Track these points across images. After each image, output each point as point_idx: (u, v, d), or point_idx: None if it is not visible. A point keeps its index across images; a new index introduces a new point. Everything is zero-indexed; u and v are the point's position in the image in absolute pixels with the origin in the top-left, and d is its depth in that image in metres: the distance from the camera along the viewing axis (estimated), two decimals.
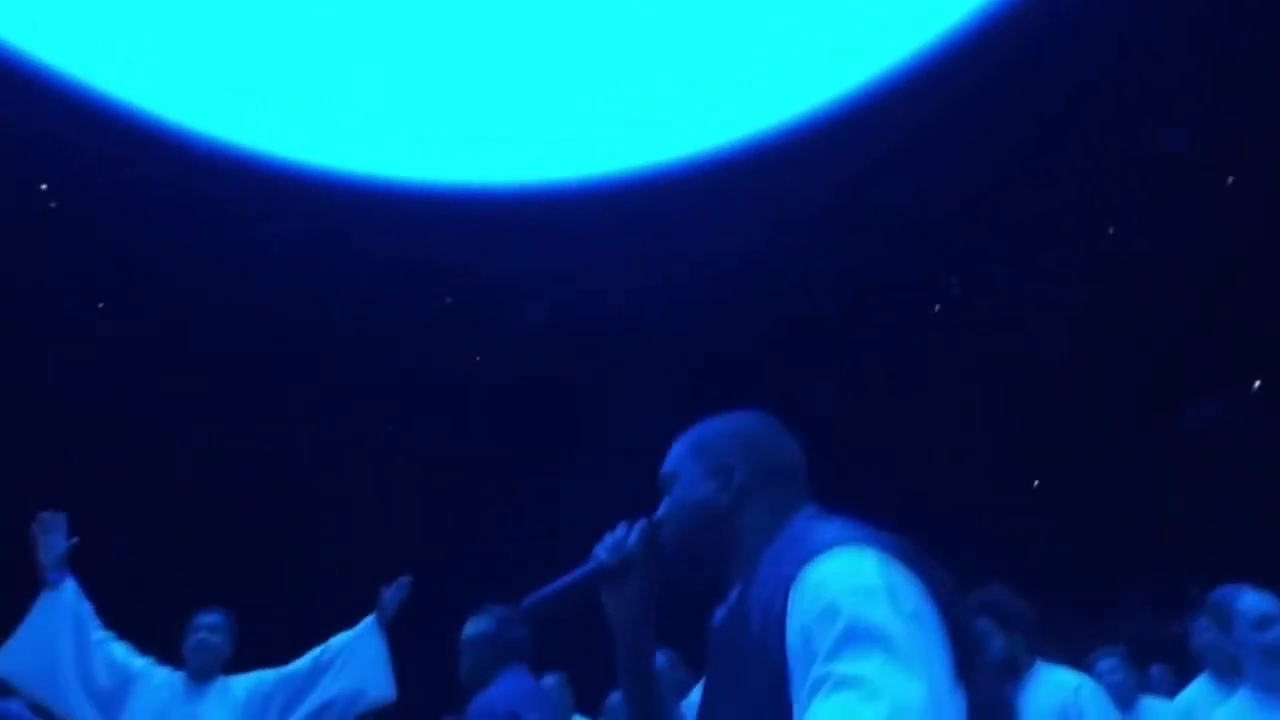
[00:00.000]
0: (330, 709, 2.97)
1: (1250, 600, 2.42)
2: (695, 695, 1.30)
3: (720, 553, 1.15)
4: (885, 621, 0.92)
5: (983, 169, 9.21)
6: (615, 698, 4.98)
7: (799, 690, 0.93)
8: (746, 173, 9.64)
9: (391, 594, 3.06)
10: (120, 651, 2.92)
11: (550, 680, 4.89)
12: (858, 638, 0.91)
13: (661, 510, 1.22)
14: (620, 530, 1.25)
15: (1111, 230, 10.03)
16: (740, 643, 1.05)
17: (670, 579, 1.23)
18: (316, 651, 3.01)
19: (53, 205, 9.51)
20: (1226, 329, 9.22)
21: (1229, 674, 3.15)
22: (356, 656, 2.98)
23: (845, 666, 0.89)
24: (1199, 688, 3.24)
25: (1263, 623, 2.37)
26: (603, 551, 1.23)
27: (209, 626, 3.00)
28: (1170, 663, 4.85)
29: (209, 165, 9.28)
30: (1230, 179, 8.93)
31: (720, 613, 1.17)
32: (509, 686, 2.60)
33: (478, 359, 11.53)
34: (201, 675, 2.96)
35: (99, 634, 2.87)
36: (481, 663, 2.60)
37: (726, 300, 10.06)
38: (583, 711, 5.08)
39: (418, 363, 10.70)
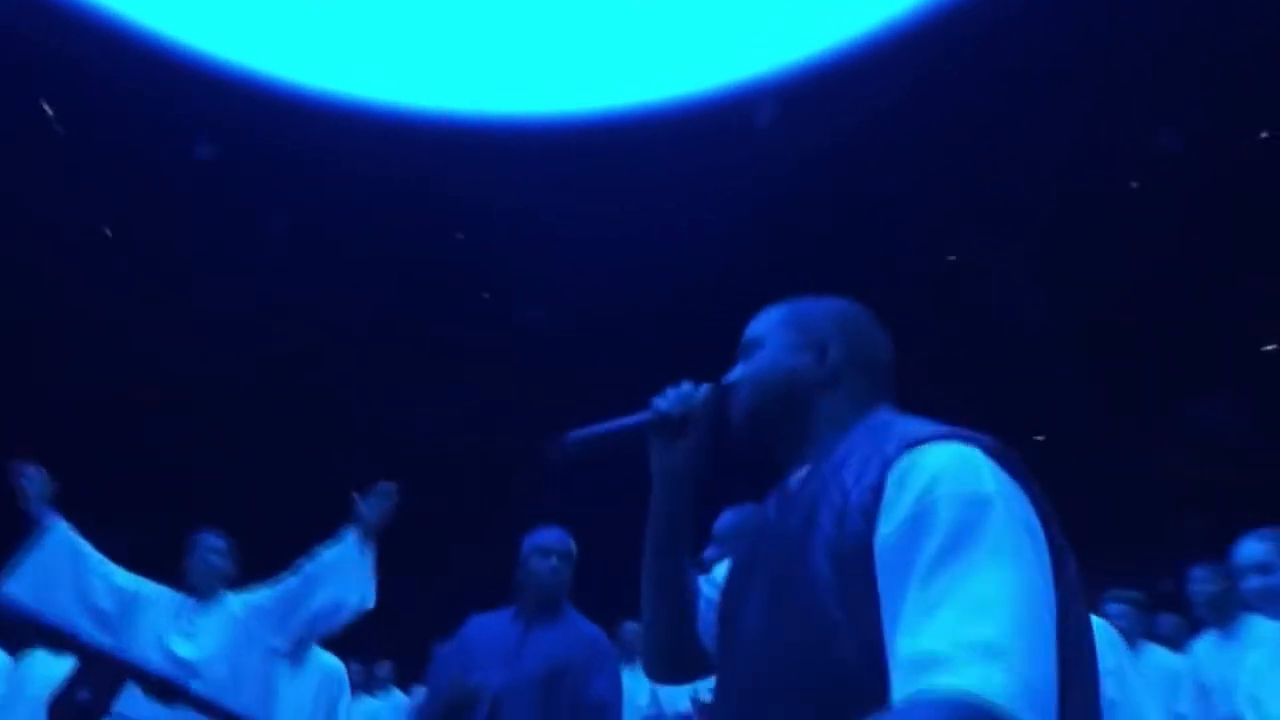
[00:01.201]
0: (316, 622, 3.00)
1: (1247, 547, 2.49)
2: (719, 572, 1.24)
3: (794, 427, 1.10)
4: (1000, 531, 0.84)
5: (979, 134, 9.05)
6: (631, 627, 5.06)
7: (890, 584, 0.86)
8: (751, 112, 9.46)
9: (369, 502, 2.99)
10: (122, 576, 2.97)
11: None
12: (971, 546, 0.83)
13: (738, 373, 1.16)
14: (686, 385, 1.19)
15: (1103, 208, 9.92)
16: (807, 522, 0.98)
17: (724, 446, 1.18)
18: (307, 566, 3.01)
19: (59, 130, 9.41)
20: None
21: (1224, 622, 3.24)
22: (341, 568, 2.96)
23: (957, 579, 0.81)
24: (1205, 642, 3.32)
25: (1258, 569, 2.44)
26: (663, 402, 1.18)
27: (211, 547, 3.05)
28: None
29: (216, 87, 9.13)
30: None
31: (781, 491, 1.12)
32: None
33: (485, 295, 11.51)
34: (204, 594, 3.01)
35: (97, 561, 2.93)
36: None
37: (722, 245, 9.95)
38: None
39: (420, 295, 10.70)
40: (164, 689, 1.00)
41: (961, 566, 0.82)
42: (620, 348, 10.08)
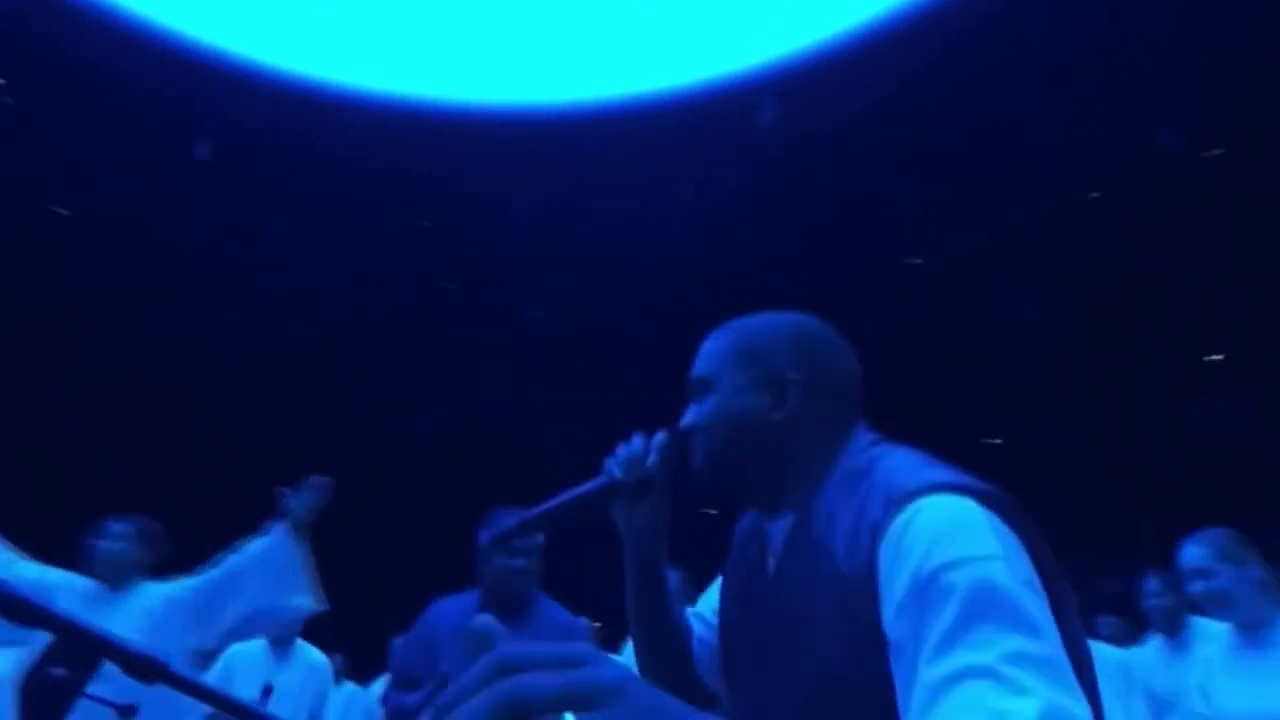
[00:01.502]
0: (254, 621, 2.86)
1: (1189, 552, 2.56)
2: (705, 602, 1.21)
3: (762, 473, 1.03)
4: (1008, 593, 0.78)
5: (963, 123, 9.14)
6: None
7: (899, 660, 0.81)
8: (729, 108, 9.47)
9: (299, 496, 2.82)
10: (30, 569, 2.83)
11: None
12: (982, 617, 0.76)
13: (691, 419, 1.07)
14: (636, 442, 1.12)
15: (1096, 195, 10.06)
16: (805, 594, 0.93)
17: (685, 495, 1.12)
18: (229, 559, 2.87)
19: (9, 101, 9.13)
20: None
21: (1174, 631, 3.33)
22: (271, 567, 2.80)
23: (975, 655, 0.75)
24: (1150, 649, 3.41)
25: (1198, 574, 2.51)
26: (616, 466, 1.11)
27: (115, 534, 2.91)
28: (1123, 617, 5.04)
29: (189, 65, 8.95)
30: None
31: (757, 536, 1.08)
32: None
33: (449, 286, 11.39)
34: (113, 583, 2.85)
35: (4, 554, 2.79)
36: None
37: (716, 239, 9.97)
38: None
39: (386, 285, 10.56)
40: (144, 667, 0.96)
41: (975, 641, 0.77)
42: (617, 345, 10.07)
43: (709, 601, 1.21)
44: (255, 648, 3.84)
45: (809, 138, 9.12)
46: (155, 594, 2.87)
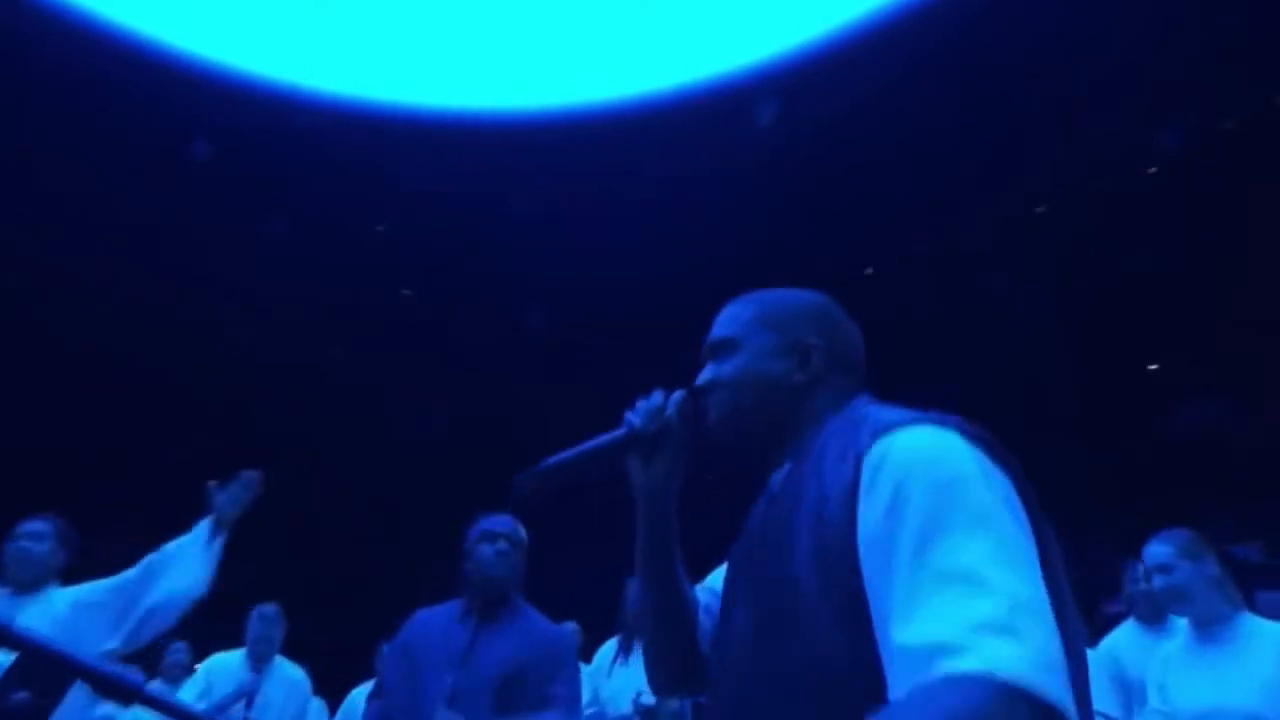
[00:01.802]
0: (153, 616, 2.70)
1: (1152, 549, 2.62)
2: (713, 579, 1.22)
3: (775, 432, 1.07)
4: (981, 505, 0.82)
5: (934, 133, 9.21)
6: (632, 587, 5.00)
7: (875, 575, 0.84)
8: (692, 115, 9.47)
9: (231, 492, 2.75)
10: None
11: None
12: (953, 524, 0.81)
13: (711, 376, 1.11)
14: (656, 396, 1.15)
15: (1042, 209, 10.19)
16: (791, 520, 0.96)
17: (703, 453, 1.14)
18: (148, 558, 2.76)
19: None
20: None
21: (1154, 618, 3.37)
22: (181, 558, 2.71)
23: (944, 559, 0.79)
24: (1125, 630, 3.45)
25: (1160, 570, 2.57)
26: (636, 417, 1.13)
27: (29, 534, 2.77)
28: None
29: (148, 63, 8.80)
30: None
31: (764, 493, 1.09)
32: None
33: (405, 292, 11.30)
34: (23, 586, 2.70)
35: None
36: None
37: (664, 245, 9.95)
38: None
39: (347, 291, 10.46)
40: (115, 688, 0.90)
41: (946, 547, 0.80)
42: (611, 347, 10.03)
43: (716, 576, 1.22)
44: (234, 661, 3.79)
45: (803, 136, 9.12)
46: (61, 599, 2.72)
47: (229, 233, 9.80)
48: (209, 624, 3.17)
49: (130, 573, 2.72)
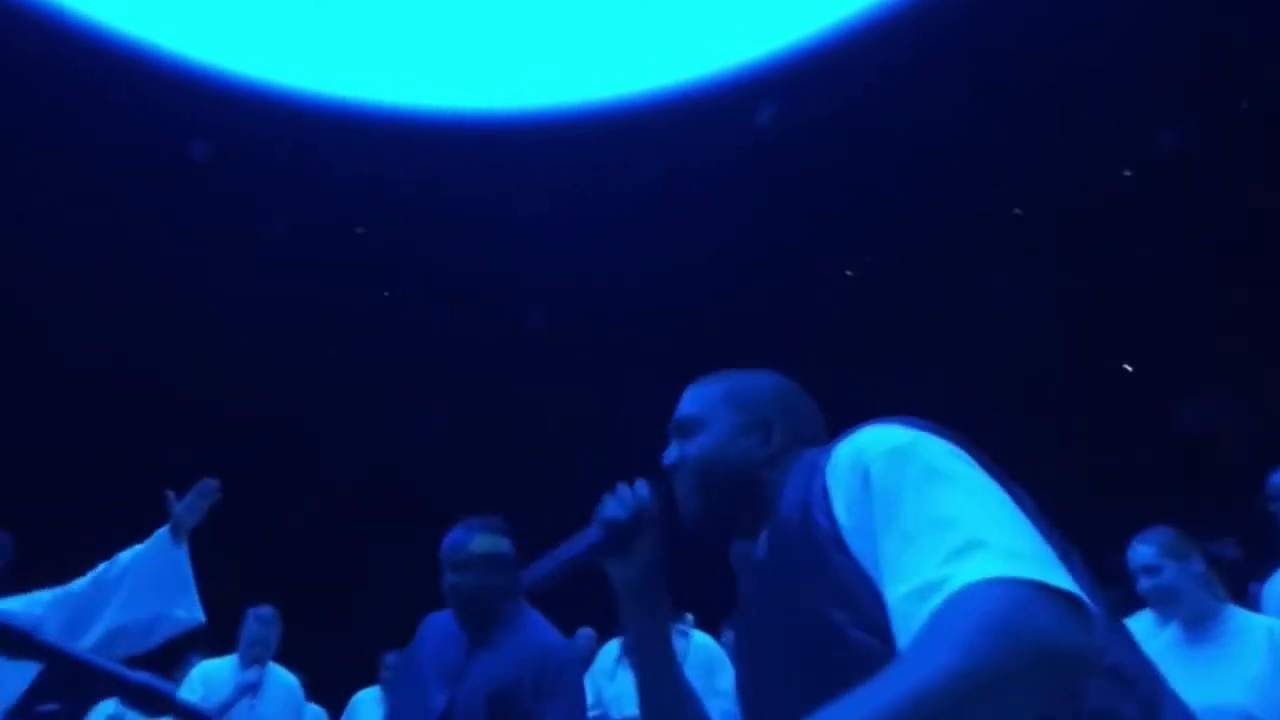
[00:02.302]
0: (123, 634, 2.55)
1: (1137, 550, 2.63)
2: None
3: (745, 506, 1.12)
4: (933, 459, 0.88)
5: (921, 132, 9.24)
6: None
7: (866, 557, 0.88)
8: (687, 114, 9.46)
9: (189, 501, 2.63)
10: None
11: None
12: (911, 484, 0.86)
13: (679, 455, 1.16)
14: (621, 491, 1.18)
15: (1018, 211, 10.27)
16: (788, 564, 1.00)
17: (675, 537, 1.17)
18: (99, 569, 2.59)
19: None
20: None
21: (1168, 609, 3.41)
22: (149, 575, 2.56)
23: (911, 517, 0.84)
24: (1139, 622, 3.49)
25: (1146, 571, 2.58)
26: (609, 511, 1.16)
27: None
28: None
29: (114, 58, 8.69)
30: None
31: (748, 567, 1.13)
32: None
33: (385, 294, 11.22)
34: None
35: None
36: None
37: (658, 244, 9.93)
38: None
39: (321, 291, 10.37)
40: (147, 698, 0.89)
41: (911, 507, 0.85)
42: (612, 349, 9.98)
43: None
44: (226, 667, 3.73)
45: (802, 135, 9.11)
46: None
47: (225, 235, 9.70)
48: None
49: (76, 585, 2.56)
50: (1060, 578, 0.75)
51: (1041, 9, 8.17)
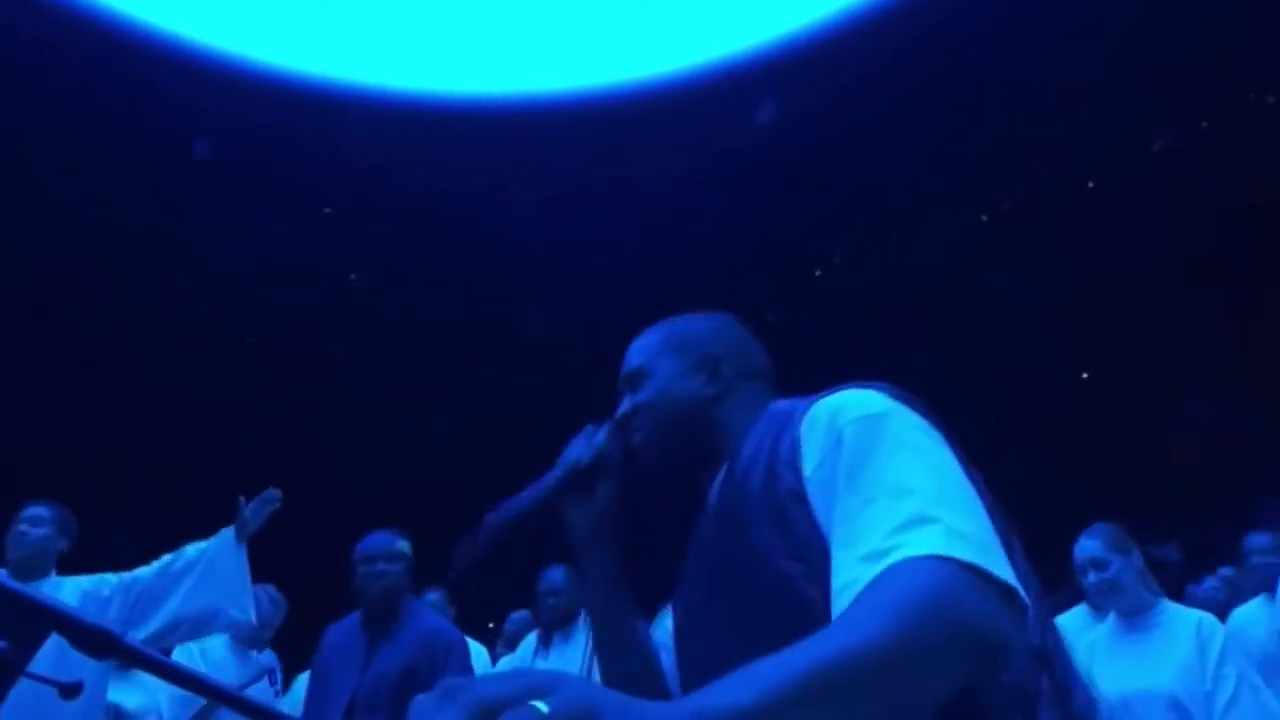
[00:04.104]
0: (181, 626, 2.71)
1: (1084, 545, 2.72)
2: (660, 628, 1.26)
3: (699, 447, 1.14)
4: (904, 431, 0.90)
5: (894, 134, 9.27)
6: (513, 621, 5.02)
7: (823, 513, 0.90)
8: (683, 105, 9.42)
9: (254, 507, 2.83)
10: None
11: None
12: (879, 450, 0.88)
13: (631, 406, 1.17)
14: (587, 432, 1.19)
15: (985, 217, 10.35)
16: (740, 509, 1.02)
17: (634, 484, 1.18)
18: (166, 559, 2.74)
19: None
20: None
21: (1109, 601, 3.52)
22: (214, 572, 2.71)
23: (871, 481, 0.86)
24: (1073, 616, 3.59)
25: (1094, 565, 2.67)
26: (572, 452, 1.17)
27: (30, 519, 2.74)
28: None
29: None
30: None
31: (704, 507, 1.14)
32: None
33: (351, 276, 11.13)
34: (25, 572, 2.65)
35: None
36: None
37: (652, 235, 9.91)
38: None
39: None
40: (94, 640, 0.91)
41: (873, 471, 0.87)
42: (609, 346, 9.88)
43: (662, 624, 1.27)
44: (219, 647, 3.63)
45: (799, 130, 9.08)
46: (70, 588, 2.70)
47: (227, 229, 9.56)
48: None
49: (143, 571, 2.73)
50: (999, 565, 0.77)
51: (1038, 5, 8.22)
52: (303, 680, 4.74)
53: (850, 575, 0.80)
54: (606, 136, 9.41)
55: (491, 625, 5.93)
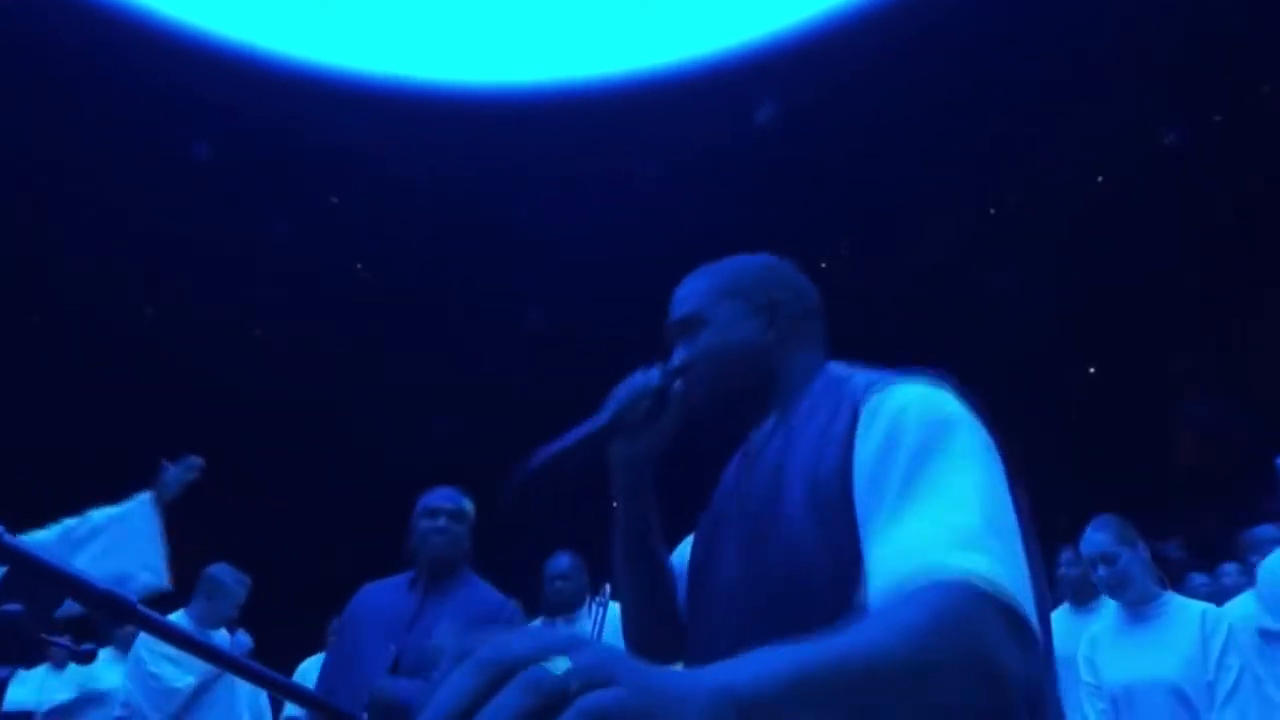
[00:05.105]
0: None
1: (1093, 538, 2.71)
2: (679, 553, 1.24)
3: (755, 394, 1.11)
4: (969, 444, 0.88)
5: (897, 127, 9.27)
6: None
7: (866, 503, 0.89)
8: (643, 110, 9.42)
9: (175, 471, 2.72)
10: None
11: None
12: (941, 456, 0.86)
13: (688, 354, 1.13)
14: (635, 378, 1.15)
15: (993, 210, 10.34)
16: (781, 470, 1.00)
17: (683, 431, 1.14)
18: (69, 523, 2.59)
19: None
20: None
21: (1083, 600, 3.53)
22: (125, 535, 2.59)
23: (929, 485, 0.85)
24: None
25: (1103, 559, 2.67)
26: (620, 398, 1.13)
27: None
28: None
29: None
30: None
31: (743, 452, 1.13)
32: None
33: (358, 266, 11.12)
34: None
35: None
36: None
37: (612, 246, 9.89)
38: None
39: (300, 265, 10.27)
40: (108, 605, 0.91)
41: (932, 476, 0.85)
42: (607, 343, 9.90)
43: (681, 550, 1.24)
44: (179, 623, 3.67)
45: (802, 125, 9.05)
46: None
47: (228, 227, 9.55)
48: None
49: (41, 534, 2.55)
50: (1029, 609, 0.77)
51: (1041, 1, 8.20)
52: (305, 666, 4.75)
53: (892, 578, 0.79)
54: (607, 131, 9.40)
55: None
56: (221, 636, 3.85)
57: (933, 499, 0.83)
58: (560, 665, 0.46)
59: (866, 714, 0.64)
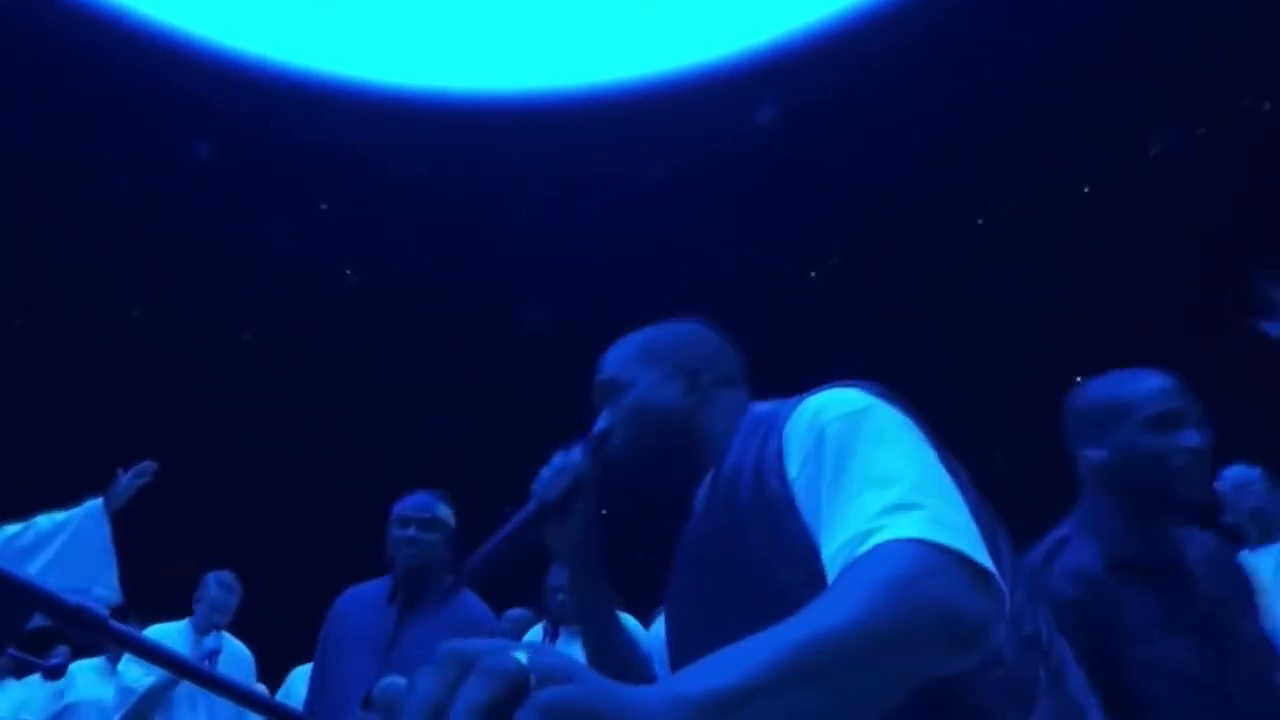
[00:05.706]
0: None
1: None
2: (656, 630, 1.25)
3: (682, 457, 1.13)
4: (885, 425, 0.92)
5: (890, 135, 9.26)
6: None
7: (809, 510, 0.91)
8: (641, 114, 9.43)
9: (127, 479, 2.67)
10: None
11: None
12: (861, 443, 0.90)
13: (609, 419, 1.16)
14: (555, 460, 1.18)
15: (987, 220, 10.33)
16: (730, 512, 1.02)
17: (614, 499, 1.17)
18: (10, 531, 2.51)
19: None
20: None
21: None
22: (77, 547, 2.50)
23: (855, 474, 0.87)
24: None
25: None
26: (544, 483, 1.15)
27: None
28: None
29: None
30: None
31: (691, 513, 1.14)
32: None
33: (348, 272, 11.14)
34: None
35: None
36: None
37: (601, 250, 9.89)
38: None
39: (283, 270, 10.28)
40: (78, 621, 0.91)
41: (857, 464, 0.88)
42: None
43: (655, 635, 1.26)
44: (176, 631, 3.65)
45: (799, 129, 9.04)
46: None
47: (227, 228, 9.58)
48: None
49: None
50: (978, 551, 0.78)
51: (1036, 6, 8.20)
52: (297, 674, 4.75)
53: (842, 562, 0.81)
54: (605, 135, 9.41)
55: None
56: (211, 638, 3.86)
57: (863, 481, 0.86)
58: (520, 657, 0.47)
59: (836, 689, 0.64)
